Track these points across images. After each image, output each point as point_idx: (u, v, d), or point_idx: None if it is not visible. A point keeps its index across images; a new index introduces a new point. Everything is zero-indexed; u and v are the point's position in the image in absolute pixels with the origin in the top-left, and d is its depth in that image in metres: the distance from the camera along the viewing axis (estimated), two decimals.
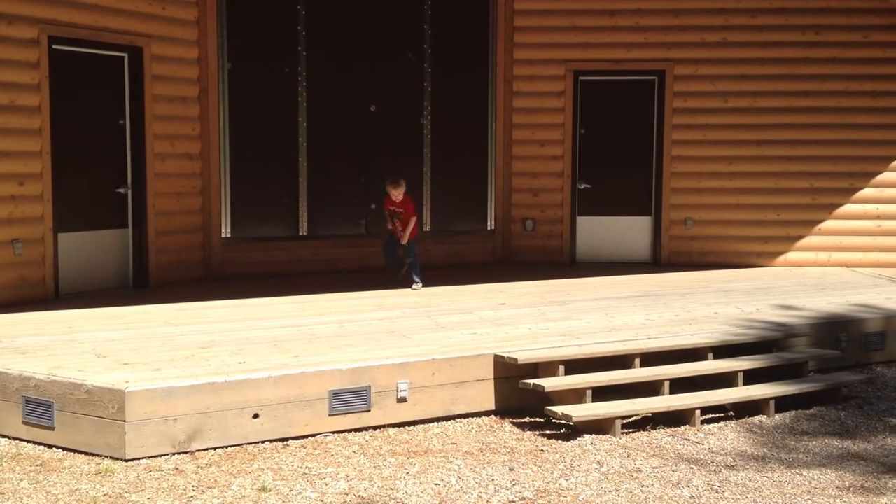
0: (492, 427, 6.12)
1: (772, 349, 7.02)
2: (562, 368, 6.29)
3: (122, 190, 9.17)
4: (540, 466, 5.41)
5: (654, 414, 6.26)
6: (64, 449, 5.49)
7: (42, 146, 8.29)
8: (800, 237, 11.15)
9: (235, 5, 9.94)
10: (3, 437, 5.70)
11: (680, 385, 6.46)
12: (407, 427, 6.04)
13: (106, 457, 5.33)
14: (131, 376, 5.54)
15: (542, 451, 5.68)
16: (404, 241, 9.27)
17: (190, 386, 5.45)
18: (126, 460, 5.28)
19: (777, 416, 6.44)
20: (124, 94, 9.12)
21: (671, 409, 6.20)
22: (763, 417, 6.42)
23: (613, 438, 5.92)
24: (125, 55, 9.06)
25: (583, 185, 11.24)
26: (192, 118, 9.70)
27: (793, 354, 7.08)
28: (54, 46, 8.37)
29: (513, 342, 6.62)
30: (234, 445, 5.56)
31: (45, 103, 8.29)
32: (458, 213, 11.11)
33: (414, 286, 9.14)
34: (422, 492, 4.99)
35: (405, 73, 10.76)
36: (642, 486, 5.13)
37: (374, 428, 5.96)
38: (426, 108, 10.86)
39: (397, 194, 9.24)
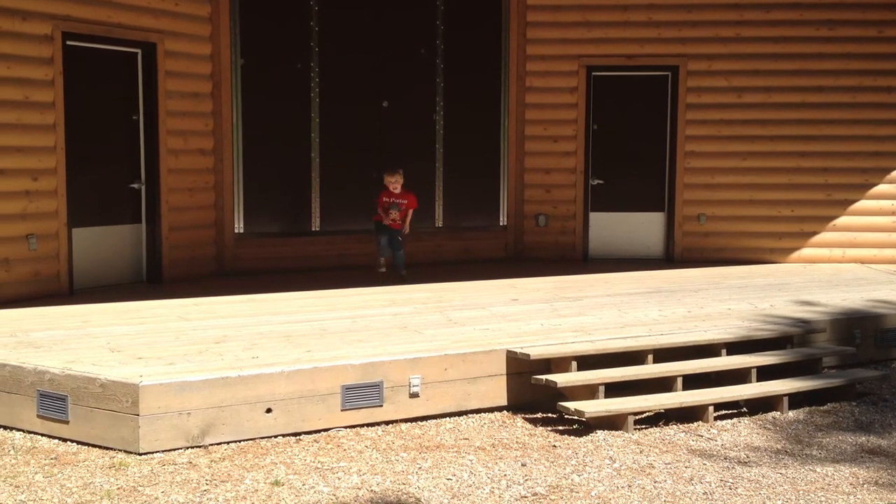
0: (504, 422, 6.12)
1: (786, 345, 7.00)
2: (574, 364, 6.28)
3: (135, 185, 9.20)
4: (552, 462, 5.40)
5: (666, 410, 6.24)
6: (78, 442, 5.51)
7: (56, 142, 8.33)
8: (814, 233, 11.10)
9: (248, 1, 9.95)
10: (18, 430, 5.73)
11: (693, 381, 6.44)
12: (419, 422, 6.05)
13: (120, 450, 5.36)
14: (145, 370, 5.56)
15: (554, 446, 5.67)
16: (406, 229, 9.47)
17: (203, 380, 5.46)
18: (140, 454, 5.30)
19: (791, 413, 6.42)
20: (138, 90, 9.15)
21: (684, 405, 6.18)
22: (777, 414, 6.39)
23: (626, 434, 5.91)
24: (139, 51, 9.09)
25: (595, 181, 11.22)
26: (205, 114, 9.73)
27: (807, 351, 7.05)
28: (68, 42, 8.39)
29: (525, 338, 6.61)
30: (247, 440, 5.58)
31: (59, 99, 8.32)
32: (471, 209, 11.11)
33: (402, 272, 9.43)
34: (434, 486, 4.99)
35: (418, 69, 10.75)
36: (655, 482, 5.12)
37: (387, 423, 5.96)
38: (438, 104, 10.86)
39: (396, 183, 9.38)
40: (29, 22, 8.08)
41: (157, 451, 5.34)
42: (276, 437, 5.66)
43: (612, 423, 5.99)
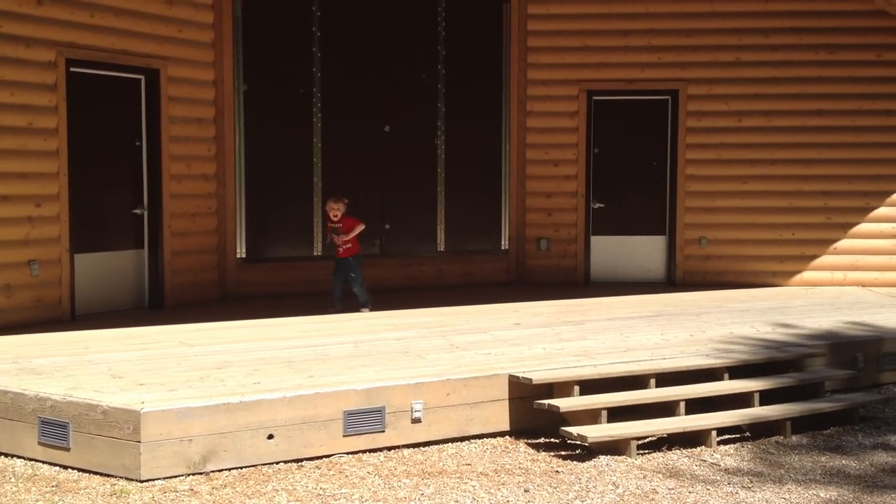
0: (506, 448, 6.10)
1: (788, 369, 6.98)
2: (577, 389, 6.27)
3: (138, 211, 9.23)
4: (555, 487, 5.38)
5: (669, 435, 6.23)
6: (79, 470, 5.49)
7: (59, 168, 8.36)
8: (815, 256, 11.10)
9: (251, 27, 10.03)
10: (19, 457, 5.72)
11: (696, 405, 6.43)
12: (421, 448, 6.03)
13: (121, 478, 5.34)
14: (147, 397, 5.56)
15: (557, 472, 5.66)
16: (341, 249, 8.95)
17: (205, 406, 5.46)
18: (141, 481, 5.29)
19: (794, 437, 6.40)
20: (141, 115, 9.19)
21: (687, 429, 6.16)
22: (780, 438, 6.37)
23: (629, 459, 5.89)
24: (142, 77, 9.14)
25: (597, 205, 11.24)
26: (207, 139, 9.77)
27: (809, 375, 7.04)
28: (72, 69, 8.45)
29: (527, 362, 6.60)
30: (248, 466, 5.56)
31: (63, 125, 8.36)
32: (472, 232, 11.13)
33: (361, 310, 8.94)
34: None
35: (419, 93, 10.81)
36: None
37: (389, 448, 5.95)
38: (440, 128, 10.90)
39: (337, 211, 8.97)
40: (33, 48, 8.13)
41: (158, 479, 5.33)
42: (277, 463, 5.64)
43: (615, 447, 5.97)
